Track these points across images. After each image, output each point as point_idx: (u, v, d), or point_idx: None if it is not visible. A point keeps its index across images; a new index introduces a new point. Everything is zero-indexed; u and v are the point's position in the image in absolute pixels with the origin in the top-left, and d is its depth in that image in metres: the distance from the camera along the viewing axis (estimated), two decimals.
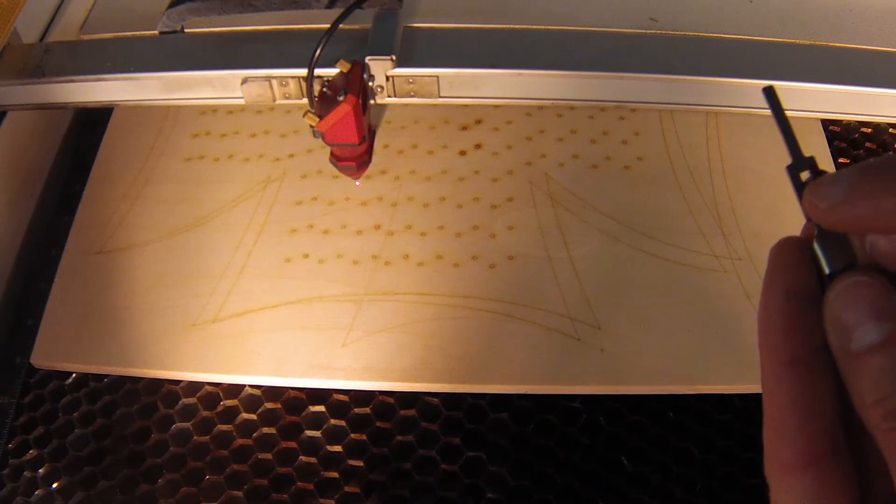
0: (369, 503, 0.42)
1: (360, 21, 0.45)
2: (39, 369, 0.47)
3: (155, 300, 0.48)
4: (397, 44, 0.44)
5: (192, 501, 0.43)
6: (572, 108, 0.55)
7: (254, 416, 0.45)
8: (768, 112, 0.22)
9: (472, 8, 0.48)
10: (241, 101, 0.46)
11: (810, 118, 0.48)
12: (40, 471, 0.44)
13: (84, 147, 0.58)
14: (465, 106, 0.56)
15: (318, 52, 0.39)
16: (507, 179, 0.52)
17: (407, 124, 0.56)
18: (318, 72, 0.40)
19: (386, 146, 0.55)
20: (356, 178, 0.50)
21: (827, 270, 0.20)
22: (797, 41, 0.46)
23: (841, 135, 0.58)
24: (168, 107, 0.57)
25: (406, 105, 0.54)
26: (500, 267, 0.49)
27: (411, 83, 0.45)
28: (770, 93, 0.22)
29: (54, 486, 0.43)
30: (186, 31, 0.48)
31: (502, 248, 0.49)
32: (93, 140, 0.57)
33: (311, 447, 0.44)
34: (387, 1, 0.46)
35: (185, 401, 0.46)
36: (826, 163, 0.53)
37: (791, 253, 0.20)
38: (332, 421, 0.45)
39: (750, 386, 0.45)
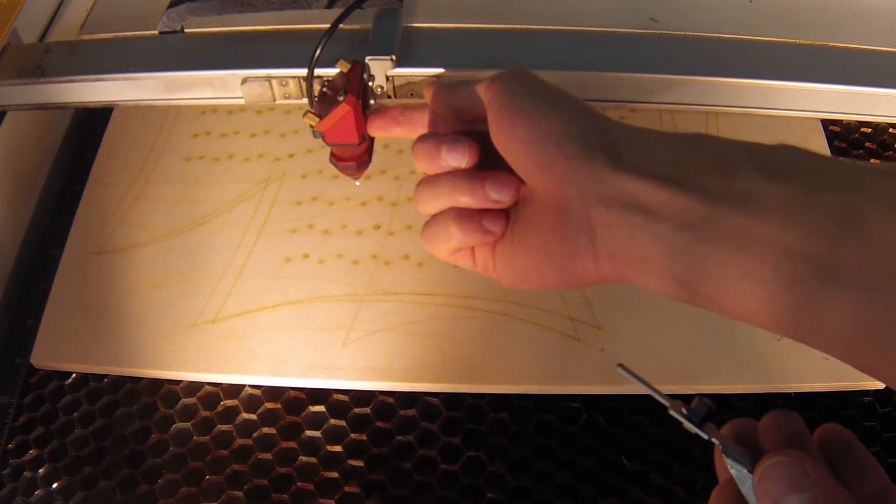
0: (369, 503, 0.42)
1: (360, 21, 0.45)
2: (39, 369, 0.47)
3: (155, 300, 0.48)
4: (397, 44, 0.44)
5: (192, 501, 0.43)
6: None
7: (254, 416, 0.45)
8: (768, 112, 0.23)
9: (472, 8, 0.47)
10: (241, 101, 0.46)
11: (810, 118, 0.47)
12: (40, 471, 0.44)
13: (84, 147, 0.58)
14: None
15: (317, 52, 0.39)
16: None
17: None
18: (318, 72, 0.39)
19: (386, 146, 0.55)
20: (356, 178, 0.50)
21: (746, 469, 0.24)
22: (797, 41, 0.46)
23: (841, 135, 0.58)
24: (168, 107, 0.57)
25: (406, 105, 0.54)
26: None
27: (411, 83, 0.44)
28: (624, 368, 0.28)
29: (54, 486, 0.43)
30: (186, 31, 0.48)
31: None
32: (93, 140, 0.57)
33: (311, 447, 0.44)
34: (387, 1, 0.46)
35: (185, 401, 0.46)
36: None
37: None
38: (332, 421, 0.45)
39: (750, 386, 0.45)
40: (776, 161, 0.25)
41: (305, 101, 0.43)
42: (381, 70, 0.43)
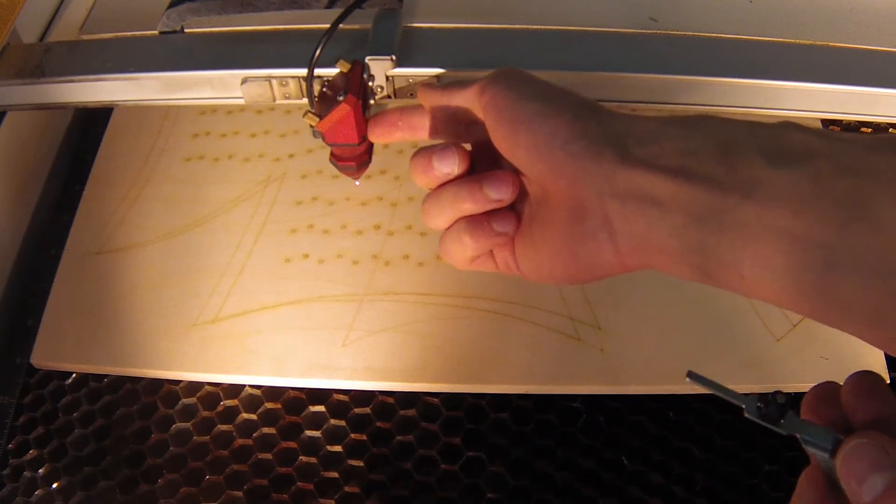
0: (369, 503, 0.43)
1: (360, 21, 0.45)
2: (39, 369, 0.47)
3: (155, 300, 0.48)
4: (397, 44, 0.44)
5: (192, 501, 0.43)
6: None
7: (254, 416, 0.45)
8: (768, 112, 0.23)
9: (472, 8, 0.47)
10: (241, 101, 0.46)
11: (810, 118, 0.47)
12: (40, 471, 0.44)
13: (84, 147, 0.58)
14: None
15: (317, 52, 0.39)
16: None
17: None
18: (318, 72, 0.39)
19: (386, 146, 0.55)
20: (356, 178, 0.50)
21: (827, 455, 0.23)
22: (797, 41, 0.46)
23: None
24: (168, 107, 0.57)
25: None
26: None
27: (411, 83, 0.44)
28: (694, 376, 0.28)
29: (54, 486, 0.43)
30: (186, 31, 0.48)
31: None
32: (93, 140, 0.57)
33: (311, 447, 0.44)
34: (387, 1, 0.46)
35: (185, 401, 0.46)
36: None
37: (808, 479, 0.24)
38: (332, 421, 0.45)
39: (750, 386, 0.45)
40: (781, 143, 0.25)
41: (305, 101, 0.43)
42: (381, 70, 0.43)
